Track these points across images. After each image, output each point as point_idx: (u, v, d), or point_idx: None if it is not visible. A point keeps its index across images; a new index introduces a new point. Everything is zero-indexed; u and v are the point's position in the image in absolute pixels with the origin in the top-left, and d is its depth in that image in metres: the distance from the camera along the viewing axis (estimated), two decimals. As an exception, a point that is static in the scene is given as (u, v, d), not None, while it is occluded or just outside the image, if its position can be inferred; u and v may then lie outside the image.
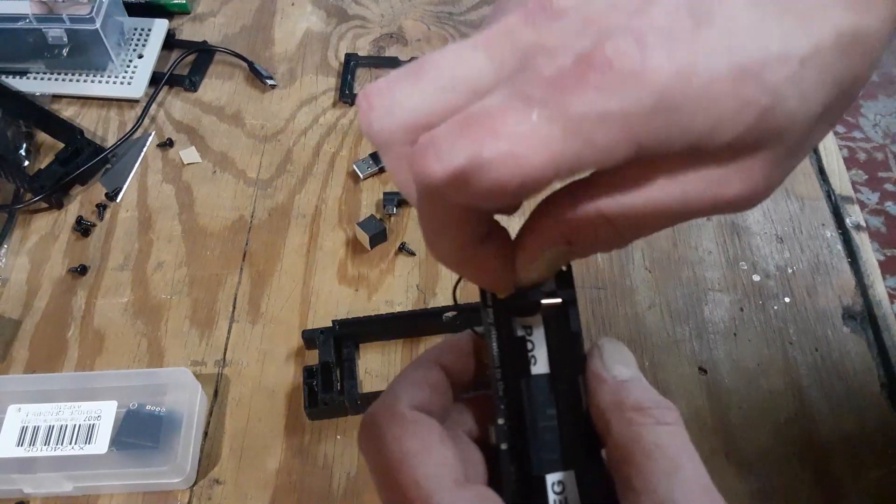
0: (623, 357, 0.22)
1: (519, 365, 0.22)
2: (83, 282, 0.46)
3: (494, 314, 0.22)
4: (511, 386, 0.22)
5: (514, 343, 0.22)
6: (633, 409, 0.20)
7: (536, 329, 0.23)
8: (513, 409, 0.22)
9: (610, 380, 0.21)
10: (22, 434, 0.38)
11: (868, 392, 0.41)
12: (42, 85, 0.55)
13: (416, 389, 0.22)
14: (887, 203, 1.31)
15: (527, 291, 0.22)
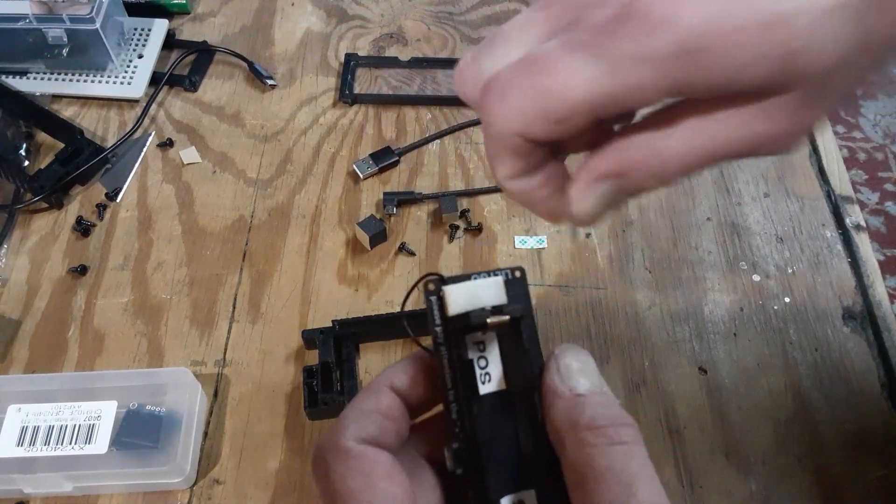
0: (582, 366, 0.21)
1: (472, 385, 0.21)
2: (83, 282, 0.46)
3: (444, 333, 0.21)
4: (464, 407, 0.21)
5: (466, 363, 0.21)
6: (586, 427, 0.20)
7: (490, 346, 0.22)
8: (467, 432, 0.21)
9: (566, 394, 0.20)
10: (22, 434, 0.38)
11: (868, 392, 0.41)
12: (42, 85, 0.55)
13: (365, 420, 0.21)
14: (887, 203, 1.31)
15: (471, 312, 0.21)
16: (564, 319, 0.44)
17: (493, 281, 0.22)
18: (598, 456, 0.19)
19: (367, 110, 0.55)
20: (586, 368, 0.21)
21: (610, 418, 0.20)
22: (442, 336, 0.21)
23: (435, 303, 0.21)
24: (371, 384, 0.23)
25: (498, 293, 0.22)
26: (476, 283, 0.22)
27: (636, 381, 0.42)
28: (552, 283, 0.46)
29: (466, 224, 0.48)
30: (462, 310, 0.21)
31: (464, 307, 0.21)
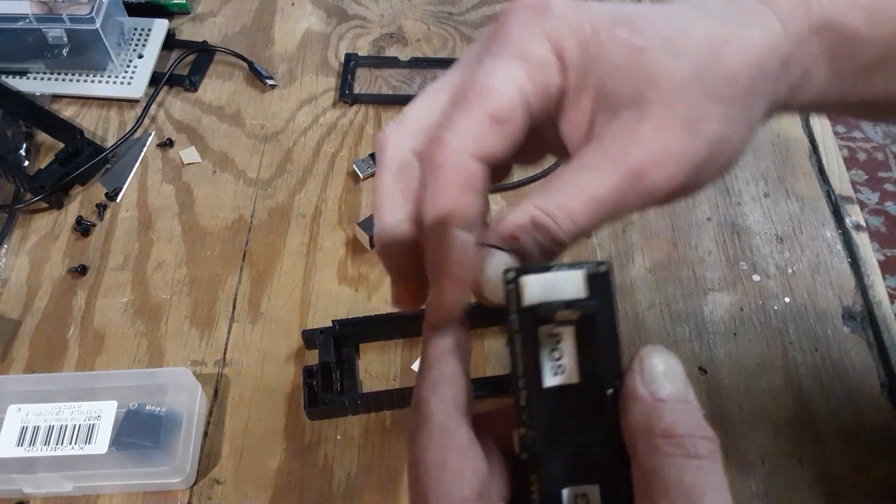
0: (669, 370, 0.20)
1: (542, 373, 0.21)
2: (83, 282, 0.46)
3: (520, 321, 0.21)
4: (534, 395, 0.21)
5: (539, 352, 0.21)
6: (662, 434, 0.19)
7: (566, 338, 0.22)
8: (535, 420, 0.21)
9: (646, 397, 0.20)
10: (22, 434, 0.38)
11: (868, 392, 0.41)
12: (42, 85, 0.55)
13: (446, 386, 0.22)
14: (887, 203, 1.31)
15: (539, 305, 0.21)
16: (564, 319, 0.44)
17: (574, 274, 0.21)
18: (670, 466, 0.18)
19: (367, 110, 0.55)
20: (672, 372, 0.20)
21: (689, 428, 0.19)
22: (517, 324, 0.21)
23: (512, 291, 0.21)
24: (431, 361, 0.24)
25: (577, 287, 0.21)
26: (555, 276, 0.21)
27: (636, 381, 0.42)
28: (552, 283, 0.46)
29: (466, 224, 0.48)
30: (538, 301, 0.21)
31: (540, 298, 0.21)
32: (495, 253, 0.22)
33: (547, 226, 0.22)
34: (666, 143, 0.22)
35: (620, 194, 0.22)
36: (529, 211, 0.22)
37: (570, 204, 0.22)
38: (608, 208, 0.22)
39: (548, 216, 0.22)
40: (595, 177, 0.22)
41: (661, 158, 0.22)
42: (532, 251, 0.22)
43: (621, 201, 0.22)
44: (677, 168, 0.22)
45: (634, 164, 0.22)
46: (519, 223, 0.22)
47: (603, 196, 0.22)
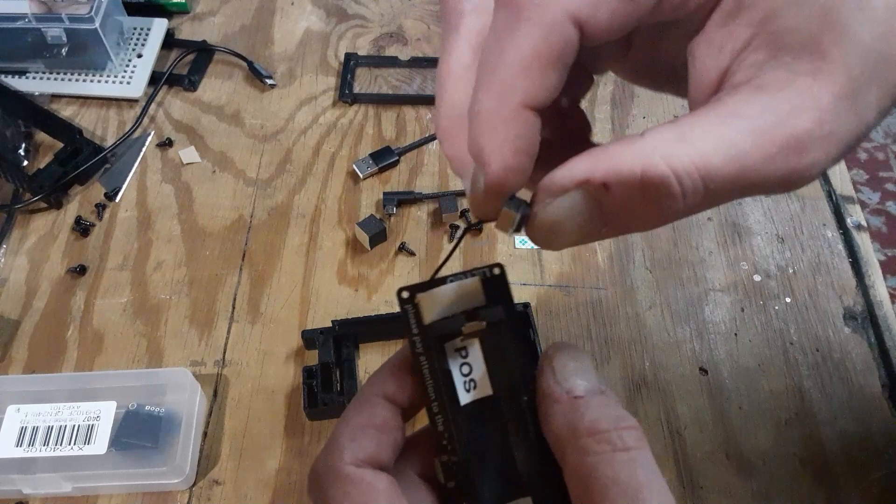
0: (579, 365, 0.20)
1: (456, 392, 0.20)
2: (82, 282, 0.46)
3: (423, 343, 0.20)
4: (450, 418, 0.20)
5: (446, 372, 0.20)
6: (588, 433, 0.18)
7: (472, 351, 0.21)
8: (455, 443, 0.20)
9: (563, 397, 0.19)
10: (21, 434, 0.38)
11: (869, 393, 0.41)
12: (41, 84, 0.55)
13: (361, 438, 0.20)
14: (888, 203, 1.31)
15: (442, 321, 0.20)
16: (564, 319, 0.44)
17: (469, 283, 0.21)
18: (602, 465, 0.18)
19: (366, 110, 0.55)
20: (582, 367, 0.20)
21: (612, 421, 0.18)
22: (421, 346, 0.20)
23: (411, 312, 0.20)
24: (361, 396, 0.21)
25: (475, 295, 0.21)
26: (451, 287, 0.21)
27: (637, 382, 0.42)
28: (552, 283, 0.46)
29: (466, 224, 0.48)
30: (438, 316, 0.20)
31: (440, 314, 0.20)
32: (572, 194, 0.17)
33: (666, 184, 0.16)
34: (838, 118, 0.17)
35: (769, 163, 0.17)
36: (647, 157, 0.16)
37: (712, 160, 0.16)
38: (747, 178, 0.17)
39: (671, 169, 0.16)
40: (747, 131, 0.17)
41: (830, 134, 0.17)
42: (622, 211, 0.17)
43: (763, 174, 0.17)
44: (838, 150, 0.17)
45: (802, 132, 0.17)
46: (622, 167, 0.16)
47: (752, 161, 0.16)
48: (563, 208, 0.17)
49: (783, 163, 0.17)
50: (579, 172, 0.17)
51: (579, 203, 0.17)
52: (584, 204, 0.17)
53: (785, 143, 0.17)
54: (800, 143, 0.17)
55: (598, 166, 0.17)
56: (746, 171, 0.16)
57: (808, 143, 0.17)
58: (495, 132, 0.18)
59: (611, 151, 0.17)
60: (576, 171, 0.17)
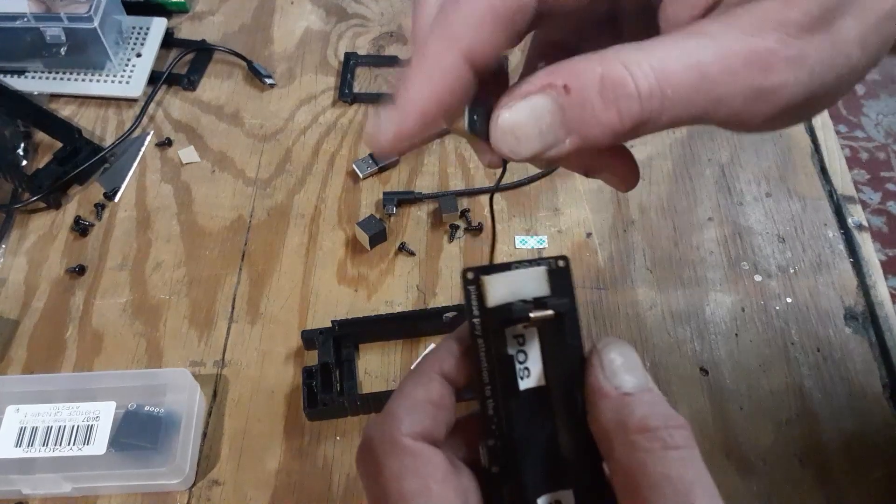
0: (628, 362, 0.20)
1: (511, 380, 0.20)
2: (81, 282, 0.46)
3: (482, 326, 0.20)
4: (502, 403, 0.20)
5: (505, 357, 0.20)
6: (637, 430, 0.18)
7: (530, 340, 0.21)
8: (504, 428, 0.20)
9: (612, 393, 0.19)
10: (20, 435, 0.38)
11: (870, 393, 0.41)
12: (40, 84, 0.55)
13: (418, 412, 0.20)
14: (889, 203, 1.31)
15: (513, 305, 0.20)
16: (565, 320, 0.44)
17: (536, 271, 0.20)
18: (653, 462, 0.18)
19: (366, 109, 0.55)
20: (631, 364, 0.20)
21: (662, 419, 0.18)
22: (480, 328, 0.20)
23: (473, 293, 0.20)
24: (419, 369, 0.21)
25: (540, 284, 0.20)
26: (517, 274, 0.20)
27: (637, 382, 0.42)
28: (552, 283, 0.46)
29: (466, 224, 0.48)
30: (502, 301, 0.20)
31: (503, 298, 0.20)
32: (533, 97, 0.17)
33: (623, 84, 0.16)
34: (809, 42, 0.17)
35: (734, 78, 0.16)
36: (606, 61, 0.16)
37: (669, 64, 0.16)
38: (710, 90, 0.16)
39: (628, 70, 0.16)
40: (710, 45, 0.16)
41: (798, 57, 0.17)
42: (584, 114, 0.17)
43: (728, 90, 0.16)
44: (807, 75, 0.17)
45: (764, 50, 0.16)
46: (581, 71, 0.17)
47: (715, 71, 0.16)
48: (526, 110, 0.17)
49: (748, 79, 0.17)
50: (542, 78, 0.17)
51: (541, 105, 0.17)
52: (546, 106, 0.17)
53: (749, 59, 0.16)
54: (765, 61, 0.16)
55: (560, 72, 0.17)
56: (707, 82, 0.16)
57: (773, 62, 0.17)
58: (429, 75, 0.18)
59: (573, 61, 0.17)
60: (538, 77, 0.17)
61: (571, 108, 0.17)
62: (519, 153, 0.18)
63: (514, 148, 0.18)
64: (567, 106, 0.17)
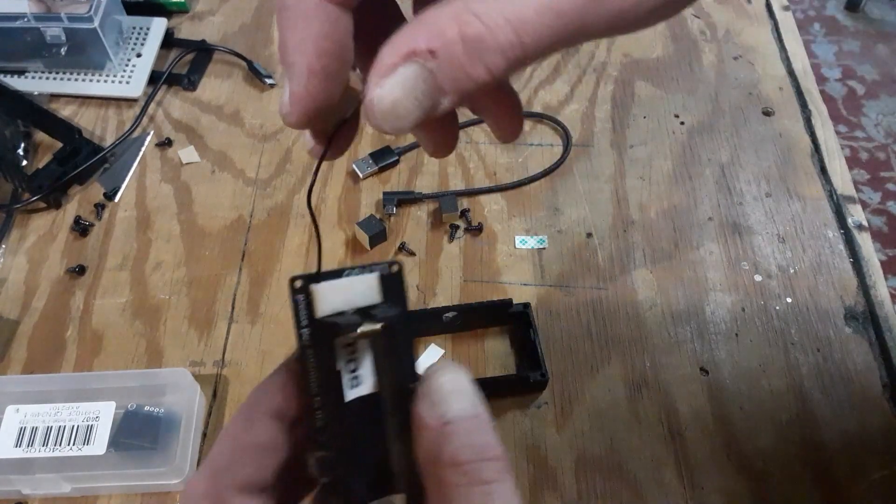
0: (455, 386, 0.19)
1: (338, 390, 0.20)
2: (81, 282, 0.46)
3: (311, 336, 0.19)
4: (331, 414, 0.19)
5: (332, 367, 0.20)
6: (448, 464, 0.18)
7: (362, 348, 0.20)
8: (333, 439, 0.19)
9: (431, 423, 0.18)
10: (20, 435, 0.38)
11: (870, 393, 0.41)
12: (40, 84, 0.55)
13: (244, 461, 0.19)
14: (889, 203, 1.31)
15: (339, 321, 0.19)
16: (565, 319, 0.44)
17: (368, 278, 0.20)
18: (458, 498, 0.17)
19: (366, 109, 0.55)
20: (459, 388, 0.19)
21: (475, 451, 0.18)
22: (309, 339, 0.19)
23: (302, 302, 0.19)
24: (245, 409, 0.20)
25: (372, 292, 0.20)
26: (349, 281, 0.20)
27: (637, 382, 0.42)
28: (553, 283, 0.46)
29: (466, 224, 0.48)
30: (332, 311, 0.19)
31: (334, 308, 0.19)
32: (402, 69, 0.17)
33: (482, 40, 0.16)
34: None
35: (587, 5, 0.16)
36: (458, 16, 0.16)
37: (521, 12, 0.16)
38: (568, 25, 0.16)
39: (484, 26, 0.16)
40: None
41: None
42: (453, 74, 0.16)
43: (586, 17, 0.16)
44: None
45: None
46: (440, 30, 0.16)
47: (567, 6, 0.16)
48: (398, 84, 0.17)
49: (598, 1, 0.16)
50: (403, 46, 0.16)
51: (412, 75, 0.16)
52: (417, 75, 0.16)
53: None
54: None
55: (419, 35, 0.16)
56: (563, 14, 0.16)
57: None
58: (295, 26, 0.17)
59: (426, 20, 0.16)
60: (399, 45, 0.16)
61: (441, 71, 0.16)
62: (403, 127, 0.17)
63: (396, 124, 0.17)
64: (437, 69, 0.16)
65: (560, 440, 0.39)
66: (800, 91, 0.56)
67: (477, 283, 0.46)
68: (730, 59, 0.58)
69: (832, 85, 1.51)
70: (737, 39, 0.59)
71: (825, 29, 1.64)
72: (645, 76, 0.57)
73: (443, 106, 0.17)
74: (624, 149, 0.52)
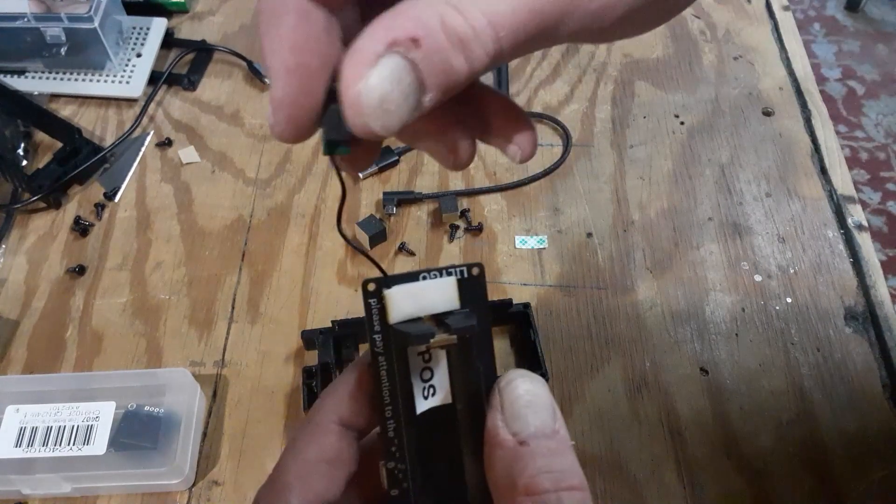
0: (532, 399, 0.18)
1: (411, 400, 0.19)
2: (81, 282, 0.46)
3: (383, 343, 0.18)
4: (402, 423, 0.18)
5: (406, 376, 0.19)
6: (525, 491, 0.16)
7: (437, 356, 0.19)
8: (405, 450, 0.19)
9: (507, 442, 0.17)
10: (20, 435, 0.38)
11: (870, 393, 0.41)
12: (40, 84, 0.55)
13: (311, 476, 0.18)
14: (889, 203, 1.31)
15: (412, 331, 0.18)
16: (565, 320, 0.44)
17: (445, 282, 0.19)
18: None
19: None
20: (536, 401, 0.18)
21: (554, 480, 0.16)
22: (381, 345, 0.18)
23: (375, 307, 0.19)
24: (313, 419, 0.19)
25: (450, 296, 0.19)
26: (424, 285, 0.19)
27: (637, 382, 0.42)
28: (553, 283, 0.46)
29: (467, 224, 0.48)
30: (406, 317, 0.18)
31: (409, 313, 0.18)
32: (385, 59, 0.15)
33: (460, 31, 0.15)
34: None
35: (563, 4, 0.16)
36: (437, 6, 0.15)
37: (497, 6, 0.15)
38: (544, 22, 0.16)
39: (463, 17, 0.15)
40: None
41: None
42: (436, 65, 0.16)
43: (560, 16, 0.16)
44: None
45: None
46: (421, 19, 0.15)
47: (541, 4, 0.16)
48: (385, 75, 0.15)
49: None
50: (384, 34, 0.15)
51: (398, 66, 0.15)
52: (401, 66, 0.15)
53: None
54: None
55: (400, 24, 0.15)
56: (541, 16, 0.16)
57: None
58: (269, 30, 0.16)
59: (403, 9, 0.16)
60: (380, 34, 0.15)
61: (425, 62, 0.15)
62: (392, 126, 0.16)
63: (386, 121, 0.16)
64: (420, 60, 0.15)
65: (560, 440, 0.39)
66: (800, 91, 0.56)
67: (477, 283, 0.45)
68: (730, 59, 0.58)
69: (832, 85, 1.52)
70: (737, 39, 0.59)
71: (825, 29, 1.64)
72: (645, 76, 0.57)
73: (423, 106, 0.16)
74: (624, 149, 0.52)
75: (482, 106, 0.20)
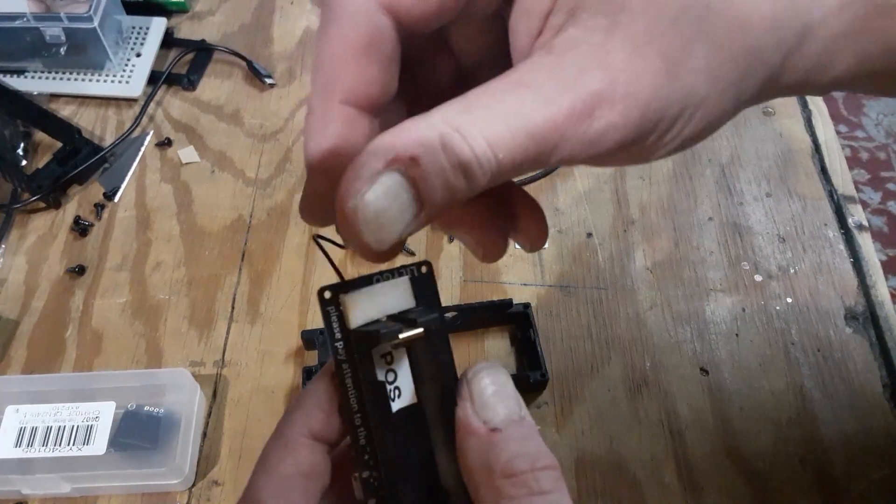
0: (498, 388, 0.18)
1: (381, 404, 0.19)
2: (81, 282, 0.46)
3: (346, 350, 0.18)
4: (374, 430, 0.18)
5: (373, 380, 0.19)
6: (503, 474, 0.17)
7: (399, 357, 0.19)
8: (378, 457, 0.18)
9: (479, 430, 0.18)
10: (20, 435, 0.38)
11: (870, 393, 0.41)
12: (40, 84, 0.55)
13: (288, 493, 0.18)
14: (890, 203, 1.31)
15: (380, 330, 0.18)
16: (565, 320, 0.44)
17: (399, 282, 0.19)
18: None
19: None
20: (503, 391, 0.18)
21: (530, 460, 0.17)
22: (344, 353, 0.18)
23: (333, 314, 0.19)
24: (283, 433, 0.19)
25: (405, 296, 0.19)
26: (380, 287, 0.19)
27: (637, 382, 0.42)
28: (553, 283, 0.46)
29: (466, 224, 0.48)
30: (366, 320, 0.18)
31: (367, 317, 0.19)
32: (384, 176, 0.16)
33: (460, 153, 0.16)
34: (639, 78, 0.16)
35: (560, 132, 0.16)
36: (438, 127, 0.16)
37: (497, 130, 0.16)
38: (540, 148, 0.16)
39: (463, 139, 0.16)
40: (537, 102, 0.16)
41: (627, 95, 0.16)
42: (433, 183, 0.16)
43: (559, 142, 0.16)
44: (639, 113, 0.16)
45: (588, 96, 0.16)
46: (422, 139, 0.16)
47: (541, 131, 0.16)
48: (382, 192, 0.16)
49: (574, 130, 0.16)
50: (386, 150, 0.16)
51: (396, 183, 0.16)
52: (399, 183, 0.16)
53: (572, 111, 0.16)
54: (588, 109, 0.16)
55: (401, 142, 0.16)
56: (535, 141, 0.16)
57: (595, 106, 0.16)
58: (317, 134, 0.17)
59: (406, 129, 0.16)
60: (382, 149, 0.16)
61: (423, 181, 0.16)
62: (384, 241, 0.16)
63: (379, 237, 0.16)
64: (418, 178, 0.16)
65: (560, 440, 0.39)
66: (800, 91, 0.56)
67: (477, 283, 0.45)
68: (730, 59, 0.58)
69: (832, 84, 1.51)
70: (737, 39, 0.59)
71: (825, 28, 1.64)
72: (645, 76, 0.57)
73: (415, 224, 0.16)
74: (624, 149, 0.52)
75: (511, 206, 0.21)
